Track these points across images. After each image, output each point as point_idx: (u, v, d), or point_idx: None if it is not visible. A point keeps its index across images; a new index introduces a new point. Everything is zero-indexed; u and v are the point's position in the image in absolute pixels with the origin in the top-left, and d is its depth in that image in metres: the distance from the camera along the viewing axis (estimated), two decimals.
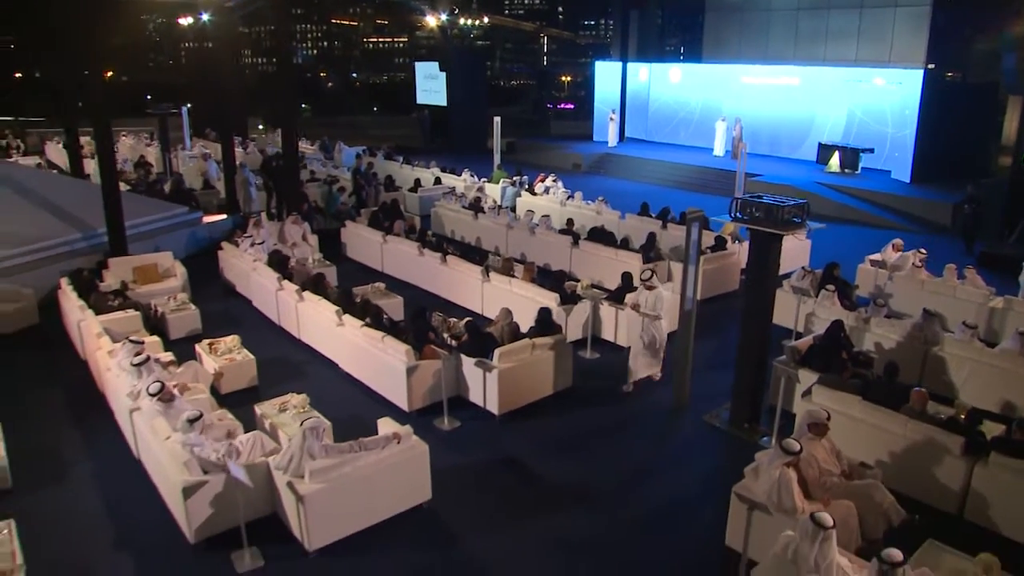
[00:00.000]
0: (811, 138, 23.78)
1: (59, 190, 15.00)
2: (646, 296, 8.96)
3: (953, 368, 8.67)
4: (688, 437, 8.14)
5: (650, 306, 8.91)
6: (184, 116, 26.96)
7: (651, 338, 8.99)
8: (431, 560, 6.10)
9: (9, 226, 12.83)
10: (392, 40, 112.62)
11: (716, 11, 27.57)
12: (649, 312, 8.90)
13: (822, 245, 13.93)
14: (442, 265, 11.92)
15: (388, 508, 6.36)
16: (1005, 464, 6.19)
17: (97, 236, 13.30)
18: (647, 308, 8.92)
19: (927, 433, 6.61)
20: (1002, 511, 6.25)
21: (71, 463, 7.55)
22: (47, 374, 9.59)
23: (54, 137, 29.92)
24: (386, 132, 36.24)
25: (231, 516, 6.07)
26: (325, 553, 6.05)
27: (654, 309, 8.89)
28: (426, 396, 8.22)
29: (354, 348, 8.95)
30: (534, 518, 6.62)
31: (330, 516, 6.01)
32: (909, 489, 6.58)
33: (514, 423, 8.19)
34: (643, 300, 8.96)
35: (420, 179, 19.50)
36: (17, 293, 11.21)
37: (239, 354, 9.05)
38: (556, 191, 17.75)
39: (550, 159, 27.30)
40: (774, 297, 7.96)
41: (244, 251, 12.20)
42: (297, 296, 10.18)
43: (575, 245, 13.12)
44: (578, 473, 7.33)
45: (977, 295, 10.69)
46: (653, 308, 8.89)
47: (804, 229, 7.54)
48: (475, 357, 8.19)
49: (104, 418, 8.33)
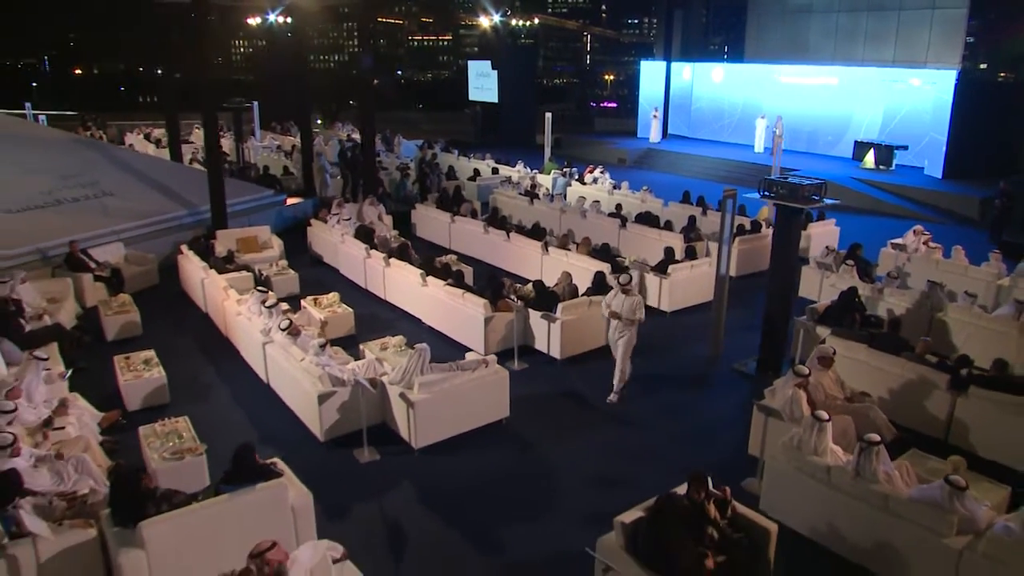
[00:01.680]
0: (848, 136, 24.81)
1: (163, 173, 16.95)
2: (621, 300, 8.65)
3: (955, 331, 9.94)
4: (720, 380, 9.59)
5: (627, 311, 8.57)
6: (255, 110, 28.99)
7: (624, 343, 8.70)
8: (510, 461, 7.68)
9: (130, 203, 14.79)
10: (437, 38, 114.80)
11: (758, 13, 28.71)
12: (629, 317, 8.56)
13: (853, 233, 15.13)
14: (506, 241, 13.51)
15: (476, 419, 7.96)
16: (982, 396, 7.54)
17: (200, 213, 15.19)
18: (624, 311, 8.57)
19: (920, 372, 7.98)
20: (979, 435, 7.61)
21: (212, 388, 9.31)
22: (175, 324, 11.39)
23: (133, 129, 32.30)
24: (437, 127, 38.05)
25: (353, 421, 7.73)
26: (427, 451, 7.67)
27: (634, 314, 8.57)
28: (499, 343, 9.79)
29: (437, 304, 10.60)
30: (592, 434, 8.17)
31: (432, 421, 7.63)
32: (904, 419, 7.95)
33: (573, 366, 9.74)
34: (617, 304, 8.65)
35: (478, 169, 21.12)
36: (143, 258, 13.13)
37: (339, 308, 10.75)
38: (604, 181, 19.23)
39: (595, 154, 28.70)
40: (796, 258, 9.32)
41: (332, 227, 13.94)
42: (384, 262, 11.86)
43: (623, 227, 14.58)
44: (628, 404, 8.84)
45: (986, 274, 11.89)
46: (632, 312, 8.56)
47: (820, 204, 8.87)
48: (541, 311, 9.76)
49: (232, 356, 10.11)
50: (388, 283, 11.90)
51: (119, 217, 14.19)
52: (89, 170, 15.87)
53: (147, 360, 8.98)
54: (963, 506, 5.45)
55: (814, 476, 6.13)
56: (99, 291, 11.81)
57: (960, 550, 5.33)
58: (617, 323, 8.65)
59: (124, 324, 10.69)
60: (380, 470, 7.45)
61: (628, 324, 8.62)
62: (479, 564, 6.15)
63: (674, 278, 11.53)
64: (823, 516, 6.11)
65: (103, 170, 16.13)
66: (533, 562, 6.12)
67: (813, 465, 6.13)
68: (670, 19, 30.59)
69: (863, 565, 5.88)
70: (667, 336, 10.85)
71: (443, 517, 6.72)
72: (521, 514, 6.78)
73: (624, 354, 8.73)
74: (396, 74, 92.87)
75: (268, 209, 16.63)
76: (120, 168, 16.57)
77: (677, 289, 11.56)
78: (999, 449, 7.44)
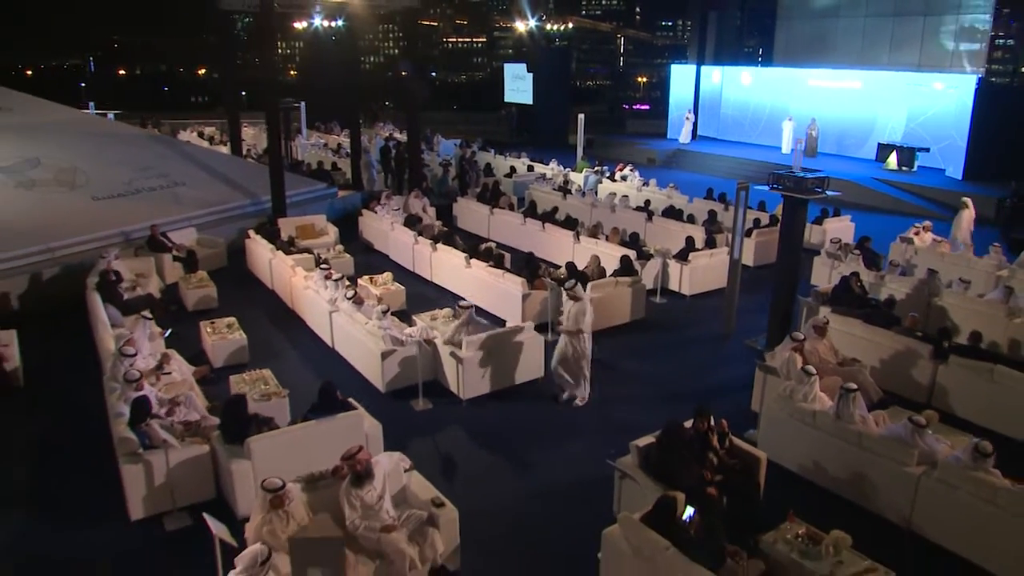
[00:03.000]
0: (872, 138, 25.57)
1: (225, 166, 18.48)
2: (568, 307, 8.46)
3: (950, 314, 10.93)
4: (732, 353, 10.70)
5: (571, 318, 8.41)
6: (303, 110, 30.58)
7: (572, 352, 8.55)
8: (544, 410, 8.91)
9: (199, 192, 16.31)
10: (471, 40, 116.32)
11: (787, 17, 29.58)
12: (570, 327, 8.39)
13: (870, 228, 15.98)
14: (541, 231, 14.73)
15: (515, 377, 9.20)
16: (960, 363, 8.57)
17: (261, 203, 16.64)
18: (568, 320, 8.42)
19: (907, 344, 9.03)
20: (956, 398, 8.64)
21: (283, 350, 10.68)
22: (246, 298, 12.79)
23: (186, 127, 34.09)
24: (472, 127, 39.42)
25: (410, 376, 9.01)
26: (472, 403, 8.93)
27: (576, 322, 8.36)
28: (535, 317, 10.96)
29: (479, 283, 11.85)
30: (616, 390, 9.37)
31: (477, 376, 8.88)
32: (894, 385, 8.99)
33: (600, 338, 10.86)
34: (564, 311, 8.50)
35: (514, 167, 22.37)
36: (214, 242, 14.60)
37: (392, 285, 12.06)
38: (633, 179, 20.37)
39: (626, 154, 29.73)
40: (801, 244, 10.35)
41: (382, 216, 15.28)
42: (432, 247, 13.16)
43: (649, 220, 15.71)
44: (649, 370, 10.02)
45: (988, 265, 12.81)
46: (575, 321, 8.37)
47: (823, 195, 9.92)
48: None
49: (298, 325, 11.49)
50: (435, 265, 13.20)
51: (190, 205, 15.70)
52: (161, 163, 17.42)
53: (229, 324, 10.38)
54: (923, 441, 6.55)
55: (802, 420, 7.26)
56: (177, 269, 13.29)
57: (918, 476, 6.43)
58: (563, 337, 8.43)
59: (202, 297, 12.13)
60: (433, 417, 8.73)
61: (569, 334, 8.44)
62: (518, 485, 7.40)
63: (694, 265, 12.65)
64: (809, 454, 7.24)
65: (173, 163, 17.67)
66: (564, 482, 7.35)
67: (801, 411, 7.26)
68: (704, 22, 31.49)
69: (839, 494, 7.00)
70: (686, 316, 12.00)
71: (487, 451, 7.99)
72: (554, 449, 8.02)
73: (577, 366, 8.67)
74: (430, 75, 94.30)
75: (321, 201, 18.05)
76: (188, 161, 18.10)
77: (696, 275, 12.69)
78: (973, 409, 8.45)
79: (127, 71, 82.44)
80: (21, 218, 13.63)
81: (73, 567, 6.23)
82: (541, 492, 7.29)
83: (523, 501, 7.15)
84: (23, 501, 7.16)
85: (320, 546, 2.84)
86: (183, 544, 6.46)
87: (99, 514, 6.89)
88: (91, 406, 8.69)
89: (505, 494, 7.27)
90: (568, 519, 6.73)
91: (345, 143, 26.20)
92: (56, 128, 17.79)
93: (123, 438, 6.75)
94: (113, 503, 6.89)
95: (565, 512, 6.88)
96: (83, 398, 9.03)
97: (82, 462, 7.78)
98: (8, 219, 13.44)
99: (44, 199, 14.62)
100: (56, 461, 7.92)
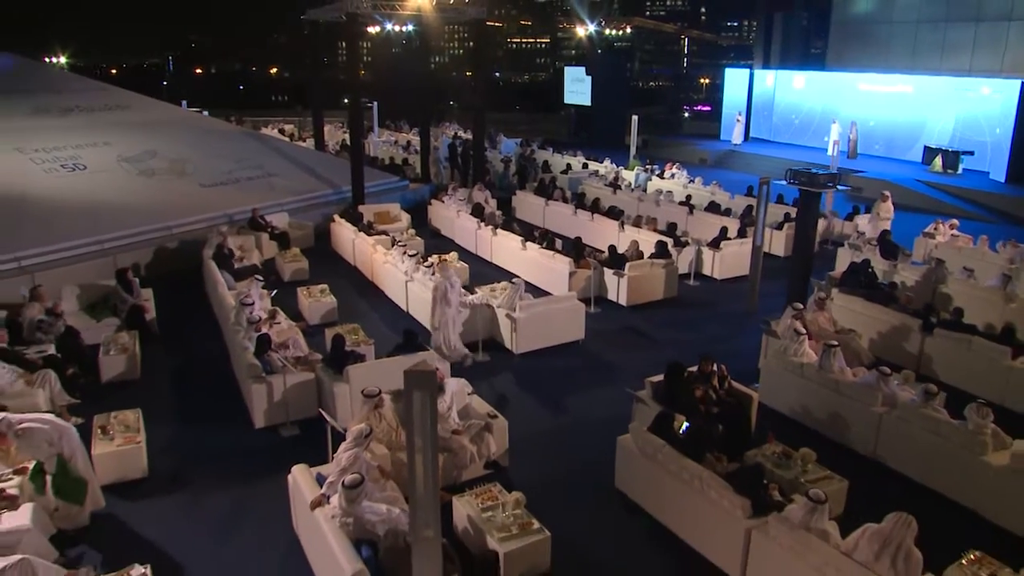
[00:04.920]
0: (921, 141, 26.32)
1: (310, 159, 20.72)
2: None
3: (954, 299, 12.17)
4: (751, 327, 12.09)
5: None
6: (375, 109, 32.89)
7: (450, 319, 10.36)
8: (583, 364, 10.62)
9: (289, 182, 18.53)
10: (535, 40, 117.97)
11: (842, 22, 30.43)
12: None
13: (907, 226, 16.99)
14: (590, 221, 16.41)
15: (559, 337, 10.94)
16: (944, 335, 9.92)
17: (342, 192, 18.76)
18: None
19: (901, 319, 10.41)
20: (941, 365, 9.98)
21: (366, 313, 12.63)
22: (332, 272, 14.79)
23: (268, 124, 36.75)
24: (533, 127, 41.24)
25: (472, 333, 10.81)
26: (524, 356, 10.70)
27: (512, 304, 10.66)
28: (580, 292, 12.67)
29: (533, 263, 13.62)
30: (646, 353, 10.97)
31: (529, 334, 10.65)
32: (888, 354, 10.37)
33: (635, 312, 12.57)
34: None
35: (570, 164, 24.07)
36: (303, 225, 16.75)
37: (458, 263, 13.90)
38: (680, 176, 21.82)
39: (679, 154, 31.04)
40: (815, 232, 11.75)
41: (449, 205, 17.21)
42: (492, 232, 14.99)
43: (690, 213, 17.21)
44: (674, 336, 11.61)
45: (1000, 258, 13.92)
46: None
47: (834, 189, 11.31)
48: (613, 268, 12.62)
49: (378, 294, 13.47)
50: (494, 248, 15.03)
51: (282, 193, 17.92)
52: (255, 156, 19.73)
53: (322, 290, 12.40)
54: (887, 386, 8.02)
55: (793, 371, 8.79)
56: (272, 247, 15.44)
57: (881, 414, 7.91)
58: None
59: (296, 269, 14.23)
60: (490, 366, 10.53)
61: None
62: (557, 414, 9.18)
63: (725, 252, 14.16)
64: (797, 399, 8.77)
65: (265, 156, 19.97)
66: (594, 415, 9.03)
67: (792, 363, 8.80)
68: (769, 23, 32.45)
69: (820, 431, 8.51)
70: (715, 296, 13.51)
71: (532, 392, 9.75)
72: (588, 392, 9.73)
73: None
74: (494, 75, 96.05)
75: (394, 192, 20.10)
76: (277, 155, 20.40)
77: (727, 261, 14.19)
78: (954, 375, 9.79)
79: (204, 70, 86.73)
80: (144, 201, 16.01)
81: (215, 459, 8.23)
82: (575, 420, 9.03)
83: (560, 424, 8.93)
84: (172, 414, 9.23)
85: (425, 376, 4.19)
86: (296, 446, 8.40)
87: (229, 424, 8.92)
88: (212, 348, 10.92)
89: (545, 419, 9.05)
90: (594, 437, 8.36)
91: (414, 141, 28.34)
92: (166, 123, 20.31)
93: (250, 364, 8.74)
94: (238, 417, 8.92)
95: (593, 433, 8.53)
96: (205, 343, 11.24)
97: (210, 388, 9.87)
98: (134, 201, 15.84)
99: (161, 185, 17.02)
100: (191, 386, 10.03)
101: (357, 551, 5.49)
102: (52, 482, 6.62)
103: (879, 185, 22.92)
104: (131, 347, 10.09)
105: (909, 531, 5.37)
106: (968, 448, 7.23)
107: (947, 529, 6.70)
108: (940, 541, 5.91)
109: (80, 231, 14.09)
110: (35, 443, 6.64)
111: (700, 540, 6.56)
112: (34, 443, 6.63)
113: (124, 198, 15.87)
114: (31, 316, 10.03)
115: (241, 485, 7.70)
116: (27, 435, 6.60)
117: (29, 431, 6.61)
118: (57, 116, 18.80)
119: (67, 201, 15.17)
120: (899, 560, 5.35)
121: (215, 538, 6.90)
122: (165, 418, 9.00)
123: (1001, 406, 8.95)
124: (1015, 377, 9.21)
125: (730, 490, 6.20)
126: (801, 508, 5.79)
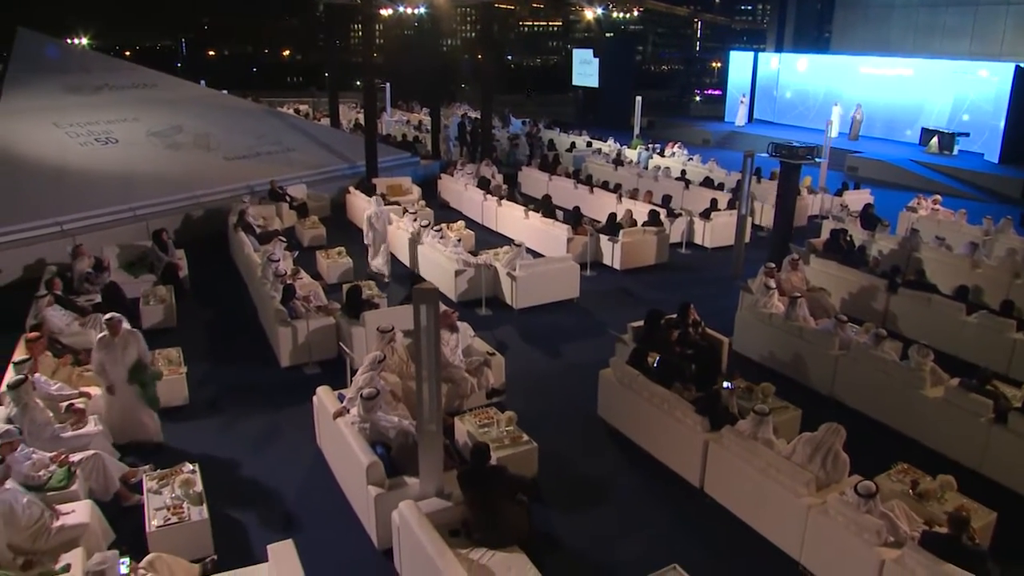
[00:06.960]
0: (920, 123, 27.00)
1: (326, 136, 21.74)
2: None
3: (926, 265, 13.07)
4: (734, 289, 12.95)
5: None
6: (387, 89, 33.83)
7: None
8: (577, 319, 11.64)
9: (307, 156, 19.57)
10: (547, 23, 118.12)
11: (844, 6, 31.06)
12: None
13: (896, 203, 17.87)
14: (590, 194, 17.36)
15: (557, 295, 11.95)
16: (906, 294, 10.86)
17: (356, 167, 19.77)
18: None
19: (869, 280, 11.36)
20: (903, 322, 10.93)
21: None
22: (347, 237, 15.80)
23: (283, 104, 37.70)
24: (542, 108, 42.12)
25: (476, 290, 11.85)
26: (523, 311, 11.73)
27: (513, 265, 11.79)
28: (578, 257, 13.64)
29: (534, 230, 14.60)
30: (633, 310, 11.88)
31: (528, 291, 11.66)
32: (857, 312, 11.28)
33: (628, 275, 13.56)
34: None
35: (575, 142, 24.99)
36: (320, 196, 17.81)
37: (465, 231, 14.91)
38: (680, 155, 22.70)
39: (683, 135, 31.83)
40: (794, 203, 12.68)
41: (458, 179, 18.20)
42: (497, 203, 15.98)
43: (686, 188, 18.12)
44: (667, 298, 12.41)
45: (977, 231, 14.78)
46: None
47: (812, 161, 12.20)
48: (607, 235, 13.59)
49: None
50: (499, 218, 16.03)
51: (300, 166, 18.96)
52: (274, 132, 20.76)
53: (339, 252, 13.47)
54: (843, 332, 8.99)
55: (762, 321, 9.77)
56: (291, 216, 16.49)
57: (837, 356, 8.89)
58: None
59: (314, 235, 15.29)
60: (492, 320, 11.56)
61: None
62: (551, 359, 10.23)
63: (715, 222, 15.10)
64: (766, 346, 9.76)
65: (284, 132, 21.00)
66: (584, 360, 10.00)
67: (762, 314, 9.78)
68: (783, 6, 33.09)
69: (785, 374, 9.49)
70: (703, 263, 14.49)
71: (531, 342, 10.77)
72: (580, 342, 10.74)
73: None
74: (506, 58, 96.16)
75: (406, 167, 21.09)
76: (295, 131, 21.43)
77: (717, 230, 15.13)
78: (916, 330, 10.71)
79: (216, 52, 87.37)
80: (173, 171, 17.10)
81: (246, 391, 9.32)
82: (566, 363, 10.09)
83: (552, 367, 9.99)
84: (207, 356, 10.32)
85: (430, 293, 5.13)
86: (319, 381, 9.37)
87: (258, 363, 10.01)
88: (240, 303, 12.00)
89: (540, 362, 10.12)
90: (582, 377, 9.34)
91: (425, 120, 29.32)
92: (191, 101, 21.34)
93: (277, 309, 9.81)
94: (266, 358, 10.01)
95: (581, 374, 9.50)
96: (232, 297, 12.35)
97: (240, 335, 10.97)
98: (163, 172, 16.93)
99: (187, 158, 18.09)
100: (222, 333, 11.13)
101: (373, 449, 6.55)
102: (137, 378, 7.72)
103: (876, 165, 23.88)
104: (168, 299, 11.19)
105: (838, 437, 6.38)
106: (910, 384, 8.20)
107: (888, 451, 7.69)
108: (880, 461, 6.96)
109: (114, 198, 15.21)
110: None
111: (667, 454, 7.59)
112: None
113: (153, 169, 16.96)
114: (80, 269, 11.15)
115: (271, 412, 8.80)
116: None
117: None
118: (89, 94, 19.85)
119: (101, 171, 16.29)
120: (828, 461, 6.36)
121: (249, 452, 8.00)
122: (201, 359, 10.08)
123: (956, 357, 9.91)
124: (968, 331, 10.16)
125: (691, 410, 7.22)
126: (749, 422, 6.80)
